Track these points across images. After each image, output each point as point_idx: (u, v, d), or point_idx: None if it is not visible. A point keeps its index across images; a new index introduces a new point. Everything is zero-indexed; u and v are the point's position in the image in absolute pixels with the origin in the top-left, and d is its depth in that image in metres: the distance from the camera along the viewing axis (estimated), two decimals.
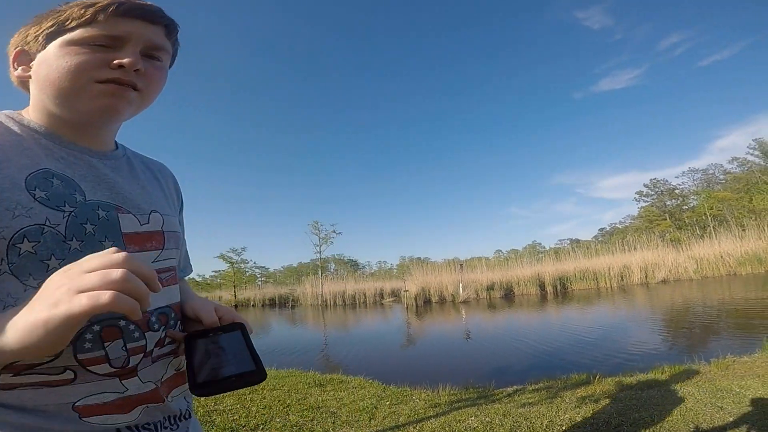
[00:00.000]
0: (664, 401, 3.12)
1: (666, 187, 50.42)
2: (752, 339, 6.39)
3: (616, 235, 49.24)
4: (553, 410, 3.31)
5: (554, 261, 26.99)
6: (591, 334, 9.17)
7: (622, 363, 6.11)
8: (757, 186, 38.48)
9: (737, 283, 16.46)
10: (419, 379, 5.75)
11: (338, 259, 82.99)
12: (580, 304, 16.45)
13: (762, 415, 2.47)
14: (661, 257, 22.63)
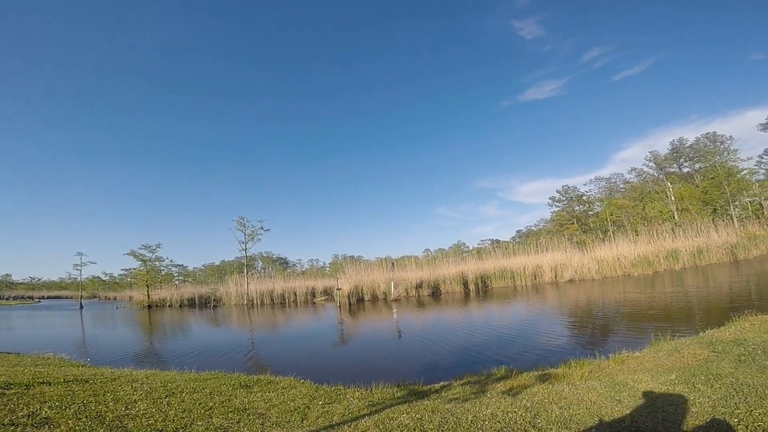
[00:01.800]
0: (571, 395, 3.40)
1: (575, 194, 56.13)
2: (643, 335, 7.26)
3: (531, 236, 53.53)
4: (477, 405, 3.48)
5: (477, 260, 28.58)
6: (509, 331, 9.85)
7: (537, 358, 6.63)
8: (649, 195, 44.28)
9: (630, 283, 18.79)
10: (353, 377, 5.78)
11: (266, 257, 79.88)
12: (499, 301, 17.53)
13: (653, 408, 2.80)
14: (569, 258, 24.91)
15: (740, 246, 24.49)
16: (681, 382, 3.24)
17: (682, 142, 50.62)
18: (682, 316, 9.10)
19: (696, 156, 48.70)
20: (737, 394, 2.64)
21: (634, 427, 2.38)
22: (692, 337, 5.44)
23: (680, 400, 2.77)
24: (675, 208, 39.39)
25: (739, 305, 8.71)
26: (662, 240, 26.01)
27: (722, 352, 4.08)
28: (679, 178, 47.54)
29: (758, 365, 3.30)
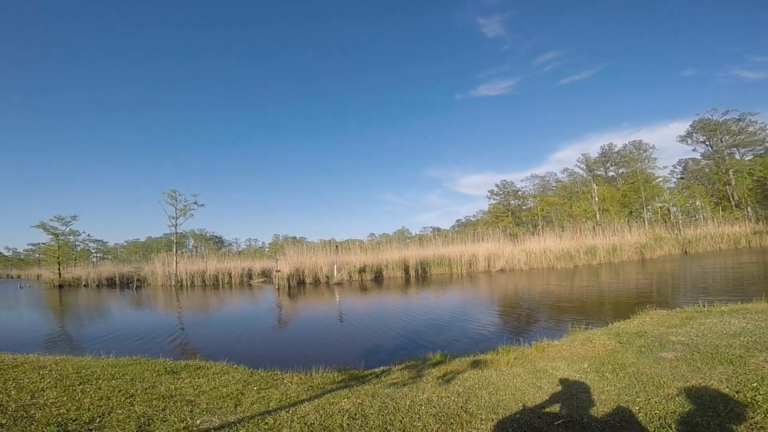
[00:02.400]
0: (499, 381, 3.66)
1: (512, 189, 59.70)
2: (561, 325, 7.94)
3: (469, 226, 56.01)
4: (414, 390, 3.61)
5: (418, 247, 29.40)
6: (445, 317, 10.32)
7: (469, 344, 7.02)
8: (577, 194, 48.08)
9: (553, 275, 20.43)
10: (291, 362, 5.74)
11: (199, 235, 75.86)
12: (437, 288, 18.23)
13: (568, 394, 3.11)
14: (501, 249, 26.42)
15: (648, 246, 27.56)
16: (592, 371, 3.59)
17: (611, 148, 55.44)
18: (595, 308, 10.10)
19: (621, 161, 53.60)
20: (638, 383, 3.01)
21: (553, 413, 2.62)
22: (602, 328, 5.97)
23: (591, 388, 3.08)
24: (597, 208, 43.21)
25: (642, 300, 9.84)
26: (584, 237, 28.48)
27: (627, 343, 4.53)
28: (603, 181, 52.09)
29: (655, 356, 3.76)
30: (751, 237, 31.80)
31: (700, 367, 3.21)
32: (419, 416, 2.95)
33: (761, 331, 4.22)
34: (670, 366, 3.36)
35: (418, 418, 2.92)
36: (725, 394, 2.53)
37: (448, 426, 2.71)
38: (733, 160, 48.97)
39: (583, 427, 2.35)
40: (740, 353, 3.45)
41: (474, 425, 2.66)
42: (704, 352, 3.63)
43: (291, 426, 3.00)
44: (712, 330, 4.56)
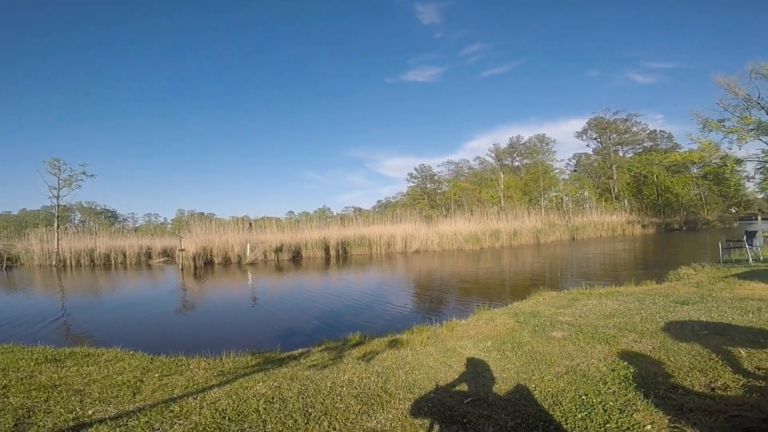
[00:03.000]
0: (414, 360, 3.81)
1: (429, 173, 62.42)
2: (468, 304, 8.51)
3: (389, 207, 57.51)
4: (334, 372, 3.63)
5: (339, 226, 29.34)
6: (364, 297, 10.51)
7: (387, 324, 7.24)
8: (486, 181, 51.77)
9: (462, 256, 21.93)
10: (198, 347, 5.39)
11: (88, 209, 67.01)
12: (357, 268, 18.47)
13: (475, 373, 3.38)
14: (417, 231, 27.56)
15: (543, 231, 30.86)
16: (494, 349, 3.91)
17: (519, 140, 60.38)
18: (497, 288, 11.08)
19: (526, 152, 58.70)
20: (533, 362, 3.37)
21: (463, 392, 2.82)
22: (503, 308, 6.48)
23: (494, 366, 3.36)
24: (503, 195, 47.12)
25: (536, 282, 11.01)
26: (489, 221, 30.90)
27: (524, 323, 5.01)
28: (510, 170, 56.72)
29: (547, 335, 4.23)
30: (626, 226, 37.49)
31: (583, 346, 3.69)
32: (341, 398, 2.97)
33: (630, 312, 4.99)
34: (559, 345, 3.81)
35: (339, 399, 2.94)
36: (604, 371, 2.95)
37: (369, 407, 2.77)
38: (616, 156, 56.59)
39: (489, 404, 2.56)
40: (614, 333, 4.05)
41: (393, 405, 2.76)
42: (586, 332, 4.18)
43: (201, 413, 2.85)
44: (592, 311, 5.28)
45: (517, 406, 2.51)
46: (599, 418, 2.26)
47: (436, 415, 2.52)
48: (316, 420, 2.62)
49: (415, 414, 2.57)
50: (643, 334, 3.93)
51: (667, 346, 3.44)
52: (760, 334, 3.56)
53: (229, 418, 2.75)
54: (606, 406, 2.40)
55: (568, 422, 2.24)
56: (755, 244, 10.00)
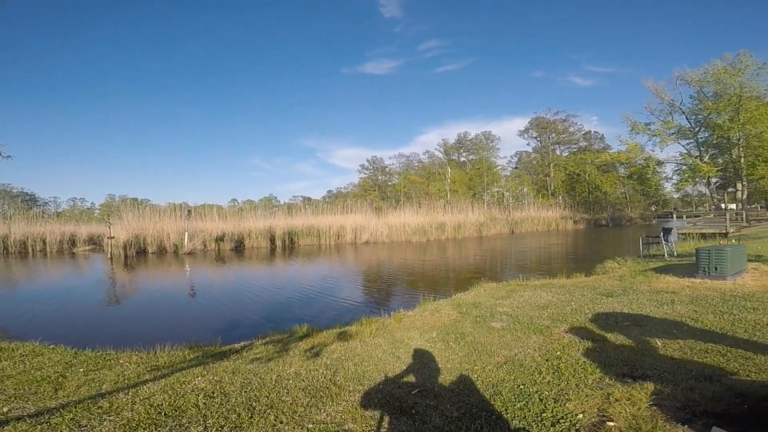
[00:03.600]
0: (363, 352, 3.82)
1: (380, 165, 62.77)
2: (415, 296, 8.64)
3: (339, 198, 57.06)
4: (280, 365, 3.54)
5: (287, 216, 28.64)
6: (312, 289, 10.37)
7: (336, 316, 7.20)
8: (434, 175, 53.00)
9: (410, 248, 22.35)
10: (130, 341, 5.03)
11: (2, 191, 59.81)
12: (304, 259, 18.18)
13: (421, 363, 3.46)
14: (367, 222, 27.67)
15: (485, 225, 32.29)
16: (439, 340, 4.03)
17: (466, 136, 62.31)
18: (442, 280, 11.44)
19: (472, 148, 60.78)
20: (475, 352, 3.51)
21: (410, 383, 2.88)
22: (447, 299, 6.64)
23: (440, 357, 3.47)
24: (449, 189, 48.57)
25: (478, 274, 11.49)
26: (436, 214, 31.75)
27: (466, 314, 5.20)
28: (456, 165, 58.51)
29: (487, 326, 4.43)
30: (560, 221, 40.25)
31: (520, 336, 3.92)
32: (288, 390, 2.91)
33: (562, 303, 5.37)
34: (499, 335, 4.01)
35: (286, 392, 2.88)
36: (539, 361, 3.16)
37: (318, 399, 2.75)
38: (554, 155, 60.32)
39: (435, 395, 2.64)
40: (548, 324, 4.34)
41: (343, 397, 2.75)
42: (523, 323, 4.44)
43: (133, 408, 2.69)
44: (528, 302, 5.61)
45: (461, 396, 2.61)
46: (536, 407, 2.40)
47: (385, 406, 2.55)
48: (262, 414, 2.55)
49: (365, 406, 2.58)
50: (573, 324, 4.24)
51: (593, 336, 3.75)
52: (672, 325, 3.99)
53: (165, 413, 2.61)
54: (542, 395, 2.55)
55: (508, 412, 2.36)
56: (670, 240, 11.14)
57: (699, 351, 3.12)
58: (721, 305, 4.61)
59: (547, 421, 2.21)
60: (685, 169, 28.28)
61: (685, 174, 28.15)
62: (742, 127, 23.56)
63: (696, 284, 5.99)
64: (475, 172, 54.19)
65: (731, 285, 5.77)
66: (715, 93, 25.61)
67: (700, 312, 4.38)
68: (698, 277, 6.34)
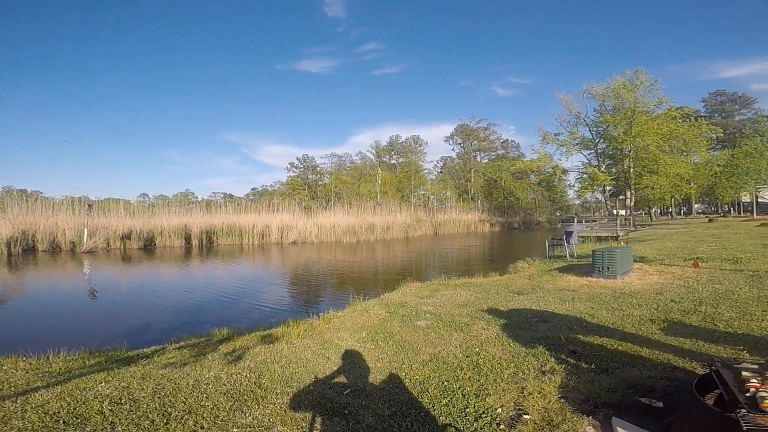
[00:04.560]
0: (290, 354, 3.72)
1: (311, 164, 61.73)
2: (345, 296, 8.65)
3: (265, 196, 54.82)
4: (198, 369, 3.32)
5: (205, 213, 26.79)
6: (233, 291, 9.86)
7: (260, 318, 6.89)
8: (365, 176, 53.41)
9: (340, 249, 22.28)
10: (13, 347, 4.42)
11: None
12: (224, 259, 17.22)
13: (352, 364, 3.48)
14: (295, 221, 27.00)
15: (411, 226, 33.33)
16: (369, 339, 4.10)
17: (397, 139, 63.73)
18: (371, 280, 11.61)
19: (402, 152, 62.36)
20: (403, 351, 3.64)
21: (342, 383, 2.90)
22: (376, 299, 6.74)
23: (370, 356, 3.54)
24: (379, 191, 49.32)
25: (405, 273, 11.83)
26: (366, 215, 32.07)
27: (393, 313, 5.34)
28: (387, 167, 59.62)
29: (413, 325, 4.61)
30: (478, 224, 42.96)
31: (443, 334, 4.14)
32: (207, 395, 2.75)
33: (479, 301, 5.77)
34: (424, 333, 4.20)
35: (206, 397, 2.72)
36: (460, 358, 3.37)
37: (243, 403, 2.64)
38: (475, 161, 64.16)
39: (367, 394, 2.69)
40: (467, 321, 4.63)
41: (270, 400, 2.67)
42: (445, 321, 4.69)
43: (25, 417, 2.39)
44: (449, 301, 5.93)
45: (392, 394, 2.69)
46: (459, 403, 2.54)
47: (317, 407, 2.53)
48: (179, 419, 2.39)
49: (295, 407, 2.54)
50: (489, 322, 4.59)
51: (507, 332, 4.09)
52: (573, 321, 4.49)
53: (64, 421, 2.35)
54: (464, 391, 2.71)
55: (435, 408, 2.48)
56: (571, 243, 12.51)
57: (595, 345, 3.53)
58: (612, 302, 5.28)
59: (471, 416, 2.35)
60: (585, 178, 31.58)
61: (586, 182, 31.45)
62: (633, 139, 26.65)
63: (592, 283, 6.80)
64: (404, 174, 55.71)
65: (620, 283, 6.65)
66: (614, 107, 28.65)
67: (596, 308, 4.98)
68: (594, 276, 7.17)
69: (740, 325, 3.89)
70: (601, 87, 28.98)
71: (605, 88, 28.62)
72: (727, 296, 5.17)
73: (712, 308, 4.59)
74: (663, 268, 7.84)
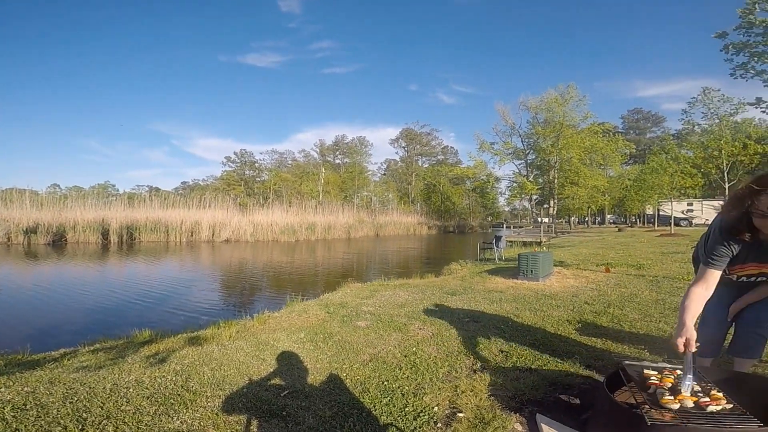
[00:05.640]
0: (222, 356, 3.54)
1: (250, 159, 59.29)
2: (282, 297, 8.47)
3: (197, 190, 51.69)
4: (116, 372, 3.07)
5: (127, 207, 24.67)
6: (156, 291, 9.26)
7: (186, 320, 6.58)
8: (308, 175, 52.47)
9: (277, 248, 21.67)
10: None
11: None
12: (147, 257, 16.11)
13: (290, 365, 3.41)
14: (229, 218, 25.83)
15: (353, 227, 33.39)
16: (308, 340, 4.07)
17: (343, 139, 63.46)
18: (311, 280, 11.46)
19: (347, 152, 62.23)
20: (343, 351, 3.68)
21: (279, 385, 2.86)
22: (316, 300, 6.64)
23: (309, 357, 3.52)
24: (321, 190, 48.74)
25: (345, 274, 11.88)
26: (307, 214, 31.55)
27: (333, 313, 5.34)
28: (331, 166, 59.18)
29: (353, 325, 4.66)
30: (417, 227, 44.19)
31: (382, 334, 4.24)
32: (128, 400, 2.55)
33: (416, 302, 5.97)
34: (364, 334, 4.27)
35: (126, 401, 2.53)
36: (399, 358, 3.47)
37: (169, 407, 2.48)
38: (416, 165, 65.85)
39: (306, 396, 2.68)
40: (405, 321, 4.77)
41: (200, 403, 2.55)
42: (384, 321, 4.79)
43: None
44: (389, 301, 6.06)
45: (333, 395, 2.70)
46: (399, 402, 2.60)
47: (252, 410, 2.46)
48: (96, 425, 2.22)
49: (229, 410, 2.46)
50: (425, 322, 4.77)
51: (442, 332, 4.28)
52: (501, 320, 4.80)
53: None
54: (403, 390, 2.77)
55: (376, 408, 2.51)
56: (500, 246, 13.36)
57: (520, 344, 3.79)
58: (535, 303, 5.73)
59: (410, 415, 2.42)
60: (515, 186, 33.82)
61: (515, 190, 33.72)
62: (559, 151, 29.01)
63: (518, 285, 7.31)
64: (348, 175, 55.65)
65: (542, 285, 7.23)
66: (546, 119, 30.99)
67: (521, 309, 5.37)
68: (519, 278, 7.70)
69: (642, 326, 4.35)
70: (536, 100, 31.17)
71: (539, 101, 30.79)
72: (631, 299, 5.79)
73: (619, 310, 5.10)
74: (578, 272, 8.65)
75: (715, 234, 2.07)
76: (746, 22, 6.15)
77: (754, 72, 6.48)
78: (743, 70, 6.55)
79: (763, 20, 5.93)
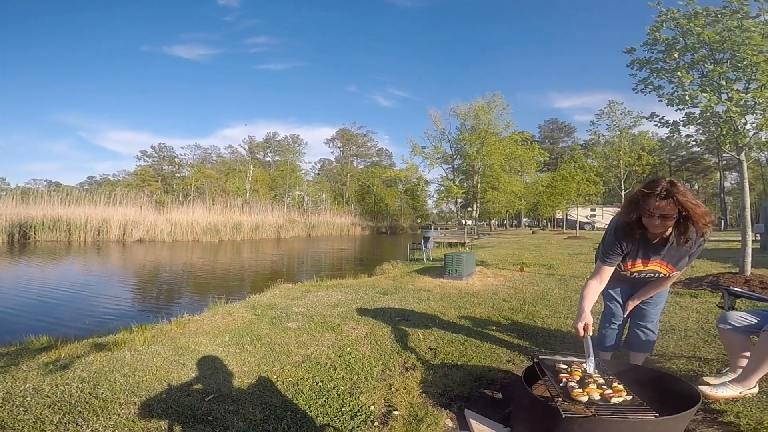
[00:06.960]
0: (135, 361, 3.27)
1: (169, 154, 54.83)
2: (204, 299, 7.99)
3: (105, 186, 46.69)
4: (9, 380, 2.75)
5: (20, 203, 21.58)
6: (56, 295, 8.34)
7: (93, 325, 5.99)
8: (234, 172, 49.83)
9: (198, 248, 20.33)
10: None
11: None
12: (45, 258, 14.39)
13: (214, 369, 3.24)
14: (143, 217, 23.74)
15: (284, 227, 32.45)
16: (233, 343, 3.91)
17: (275, 136, 61.27)
18: (236, 282, 10.95)
19: (279, 150, 60.25)
20: (273, 353, 3.60)
21: (202, 390, 2.72)
22: (242, 302, 6.33)
23: (235, 360, 3.39)
24: (249, 188, 46.65)
25: (274, 275, 11.51)
26: (232, 213, 30.00)
27: (261, 315, 5.17)
28: (260, 164, 56.86)
29: (284, 326, 4.57)
30: (350, 227, 44.27)
31: (315, 335, 4.21)
32: (25, 409, 2.28)
33: (349, 302, 6.00)
34: (295, 335, 4.21)
35: (24, 411, 2.25)
36: (333, 358, 3.48)
37: (76, 415, 2.25)
38: (351, 166, 65.87)
39: (234, 399, 2.58)
40: (338, 321, 4.78)
41: (112, 410, 2.34)
42: (317, 322, 4.76)
43: None
44: (321, 302, 6.02)
45: (263, 398, 2.62)
46: (335, 402, 2.60)
47: (174, 415, 2.32)
48: None
49: (147, 417, 2.29)
50: (359, 321, 4.83)
51: (375, 331, 4.36)
52: (429, 319, 5.01)
53: None
54: (339, 391, 2.78)
55: (311, 409, 2.49)
56: (428, 247, 13.90)
57: (447, 341, 3.99)
58: (459, 301, 6.06)
59: (347, 415, 2.44)
60: (442, 190, 35.20)
61: (442, 194, 35.06)
62: (483, 158, 30.76)
63: (444, 284, 7.67)
64: (279, 173, 53.86)
65: (465, 284, 7.67)
66: (473, 126, 32.67)
67: (447, 307, 5.64)
68: (445, 277, 8.07)
69: (552, 322, 4.76)
70: (465, 107, 32.69)
71: (468, 108, 32.35)
72: (543, 296, 6.35)
73: (533, 307, 5.55)
74: (497, 271, 9.32)
75: (610, 234, 2.40)
76: (652, 39, 6.55)
77: (652, 87, 6.86)
78: (643, 85, 6.94)
79: (666, 38, 6.42)
